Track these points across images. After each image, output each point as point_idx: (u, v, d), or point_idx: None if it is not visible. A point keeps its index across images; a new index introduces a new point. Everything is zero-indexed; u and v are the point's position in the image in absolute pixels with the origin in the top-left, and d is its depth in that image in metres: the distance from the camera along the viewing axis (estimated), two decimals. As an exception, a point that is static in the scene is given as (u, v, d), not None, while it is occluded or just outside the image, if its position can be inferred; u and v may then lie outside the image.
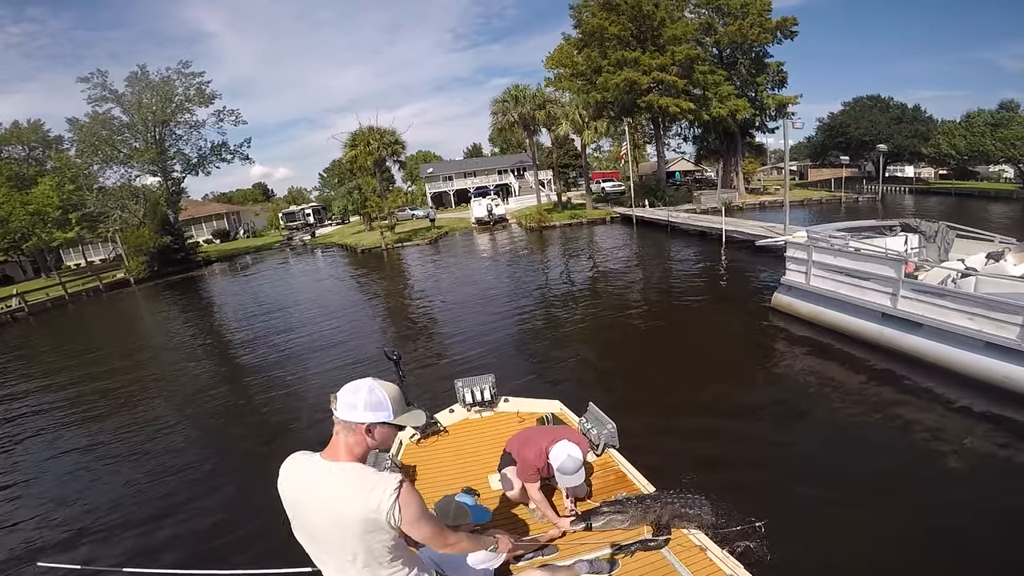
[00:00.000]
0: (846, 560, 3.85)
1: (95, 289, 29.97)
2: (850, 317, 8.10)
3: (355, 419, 1.77)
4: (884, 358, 7.41)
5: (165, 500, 6.02)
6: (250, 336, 14.04)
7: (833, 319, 8.44)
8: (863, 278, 7.78)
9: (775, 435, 5.91)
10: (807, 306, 8.99)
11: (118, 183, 37.40)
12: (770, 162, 61.36)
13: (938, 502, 4.47)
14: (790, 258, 9.33)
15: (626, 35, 33.10)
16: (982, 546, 3.90)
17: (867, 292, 7.77)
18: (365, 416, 1.77)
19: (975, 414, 5.83)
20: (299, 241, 44.74)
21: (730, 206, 31.99)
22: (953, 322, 6.45)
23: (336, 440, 1.81)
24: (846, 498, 4.52)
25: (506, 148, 69.99)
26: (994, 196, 34.84)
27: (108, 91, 35.56)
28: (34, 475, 7.30)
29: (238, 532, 5.12)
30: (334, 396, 1.81)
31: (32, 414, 9.90)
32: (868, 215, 29.28)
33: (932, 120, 52.82)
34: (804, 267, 8.94)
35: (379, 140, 37.54)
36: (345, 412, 1.78)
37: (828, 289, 8.47)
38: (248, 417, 8.43)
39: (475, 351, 9.95)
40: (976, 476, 4.88)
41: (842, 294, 8.19)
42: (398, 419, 1.84)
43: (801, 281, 9.06)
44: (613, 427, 4.35)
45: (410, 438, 4.86)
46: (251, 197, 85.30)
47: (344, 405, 1.78)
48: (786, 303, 9.55)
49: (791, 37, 35.51)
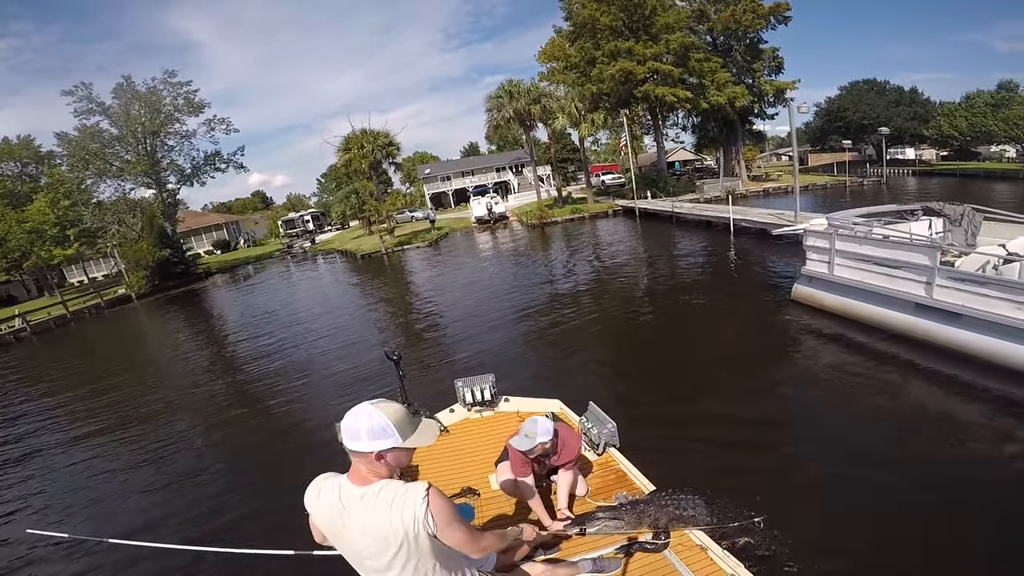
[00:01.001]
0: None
1: (96, 306, 29.65)
2: (880, 308, 7.70)
3: (360, 449, 1.70)
4: (918, 351, 6.99)
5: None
6: (254, 347, 13.74)
7: (861, 311, 8.03)
8: (893, 267, 7.39)
9: (802, 432, 5.67)
10: (832, 297, 8.58)
11: (113, 197, 37.09)
12: (768, 149, 60.87)
13: (969, 506, 4.11)
14: (810, 247, 8.92)
15: (618, 25, 32.63)
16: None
17: (898, 281, 7.38)
18: (369, 446, 1.70)
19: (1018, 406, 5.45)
20: (299, 249, 44.41)
21: (734, 194, 31.58)
22: (999, 312, 6.04)
23: (355, 466, 1.78)
24: (878, 499, 4.29)
25: (503, 145, 69.55)
26: (1000, 176, 34.54)
27: (95, 104, 35.17)
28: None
29: (239, 513, 5.59)
30: (338, 426, 1.75)
31: (32, 433, 9.61)
32: (874, 199, 28.91)
33: (930, 102, 52.45)
34: (826, 256, 8.53)
35: (373, 142, 37.13)
36: (350, 443, 1.72)
37: (854, 279, 8.06)
38: (252, 423, 8.31)
39: (475, 351, 9.92)
40: (1016, 476, 4.50)
41: (870, 284, 7.79)
42: (407, 442, 1.76)
43: (823, 271, 8.65)
44: (613, 426, 4.31)
45: None
46: (250, 206, 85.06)
47: (348, 435, 1.72)
48: (808, 295, 9.15)
49: (785, 23, 35.01)
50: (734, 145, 38.53)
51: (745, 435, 5.58)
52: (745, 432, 5.64)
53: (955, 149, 45.60)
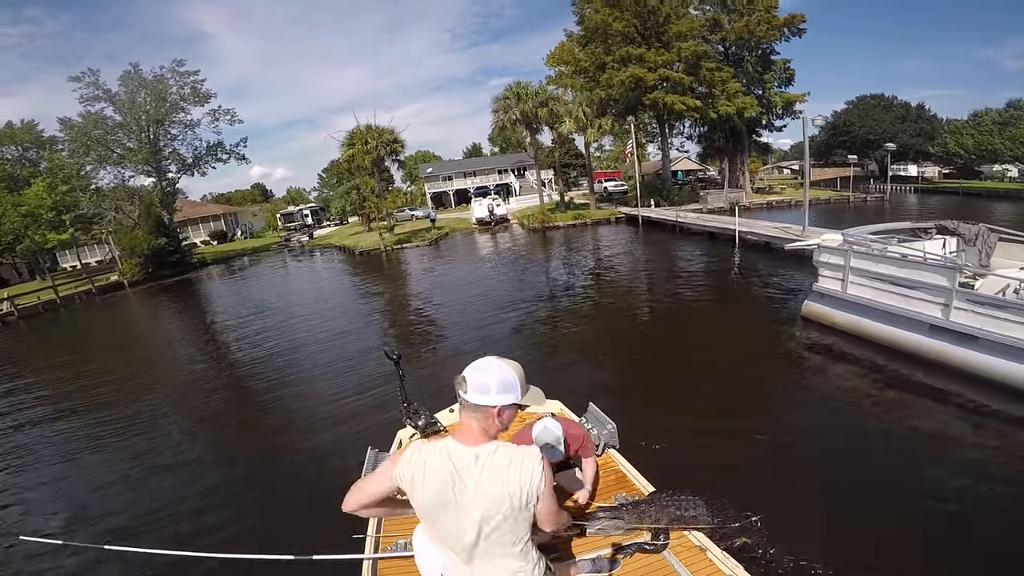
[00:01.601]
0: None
1: (88, 292, 29.25)
2: (893, 328, 7.49)
3: (488, 403, 1.70)
4: (929, 370, 6.85)
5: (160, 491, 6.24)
6: (245, 342, 13.47)
7: (873, 330, 7.81)
8: (910, 287, 7.18)
9: (803, 438, 5.71)
10: (843, 316, 8.36)
11: (112, 184, 36.71)
12: (770, 162, 60.83)
13: (972, 525, 4.12)
14: (823, 264, 8.70)
15: (630, 31, 32.46)
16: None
17: (914, 302, 7.17)
18: (497, 399, 1.71)
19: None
20: (296, 243, 44.08)
21: (737, 206, 31.48)
22: (1018, 336, 5.86)
23: (468, 424, 1.75)
24: (886, 516, 4.27)
25: (506, 148, 69.35)
26: (1003, 195, 34.43)
27: (101, 90, 34.88)
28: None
29: (226, 516, 5.46)
30: (462, 378, 1.74)
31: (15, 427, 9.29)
32: (877, 215, 28.85)
33: (936, 119, 52.49)
34: (840, 273, 8.32)
35: (377, 139, 36.87)
36: (476, 396, 1.70)
37: (868, 298, 7.84)
38: (246, 420, 8.10)
39: (475, 351, 9.82)
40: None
41: (884, 303, 7.58)
42: (524, 399, 1.79)
43: (836, 289, 8.44)
44: (613, 427, 4.32)
45: (410, 437, 4.79)
46: (249, 198, 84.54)
47: (475, 389, 1.71)
48: (819, 312, 8.93)
49: (799, 35, 34.93)
50: (740, 156, 38.41)
51: (746, 440, 5.61)
52: (746, 437, 5.69)
53: (959, 167, 45.56)
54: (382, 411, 7.20)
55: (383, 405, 7.40)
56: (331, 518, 2.60)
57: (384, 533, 3.52)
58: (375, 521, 3.57)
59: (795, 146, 69.96)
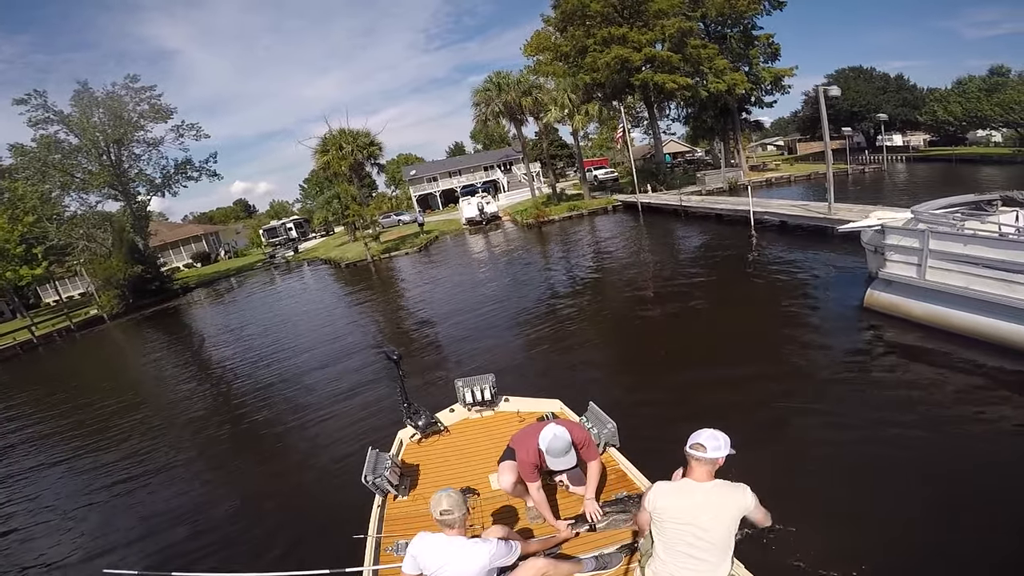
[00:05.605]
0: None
1: (67, 329, 27.59)
2: (990, 319, 6.41)
3: (719, 456, 2.58)
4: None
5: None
6: (237, 371, 12.59)
7: (965, 322, 6.72)
8: (1014, 270, 6.08)
9: (881, 451, 5.02)
10: (922, 306, 7.26)
11: (79, 211, 34.73)
12: (754, 139, 60.02)
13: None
14: (891, 247, 7.59)
15: (609, 11, 31.21)
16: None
17: (1018, 288, 6.08)
18: (724, 452, 2.58)
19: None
20: (281, 258, 42.40)
21: (736, 185, 30.53)
22: None
23: (700, 469, 2.59)
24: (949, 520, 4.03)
25: (489, 143, 67.95)
26: (996, 160, 34.47)
27: (51, 112, 32.70)
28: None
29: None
30: (701, 444, 2.57)
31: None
32: (877, 186, 28.10)
33: (917, 88, 52.21)
34: (915, 257, 7.23)
35: (352, 143, 35.35)
36: (714, 453, 2.56)
37: (956, 285, 6.75)
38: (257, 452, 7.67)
39: (475, 352, 10.03)
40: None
41: (978, 291, 6.47)
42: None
43: (911, 275, 7.34)
44: (613, 426, 4.29)
45: (410, 437, 4.94)
46: (232, 215, 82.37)
47: (713, 448, 2.56)
48: (888, 302, 7.82)
49: (780, 7, 34.00)
50: (732, 135, 37.46)
51: (748, 439, 4.86)
52: (748, 437, 4.97)
53: (948, 135, 45.41)
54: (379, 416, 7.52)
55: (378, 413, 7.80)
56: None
57: (385, 533, 3.64)
58: (375, 522, 3.77)
59: (779, 121, 69.24)
